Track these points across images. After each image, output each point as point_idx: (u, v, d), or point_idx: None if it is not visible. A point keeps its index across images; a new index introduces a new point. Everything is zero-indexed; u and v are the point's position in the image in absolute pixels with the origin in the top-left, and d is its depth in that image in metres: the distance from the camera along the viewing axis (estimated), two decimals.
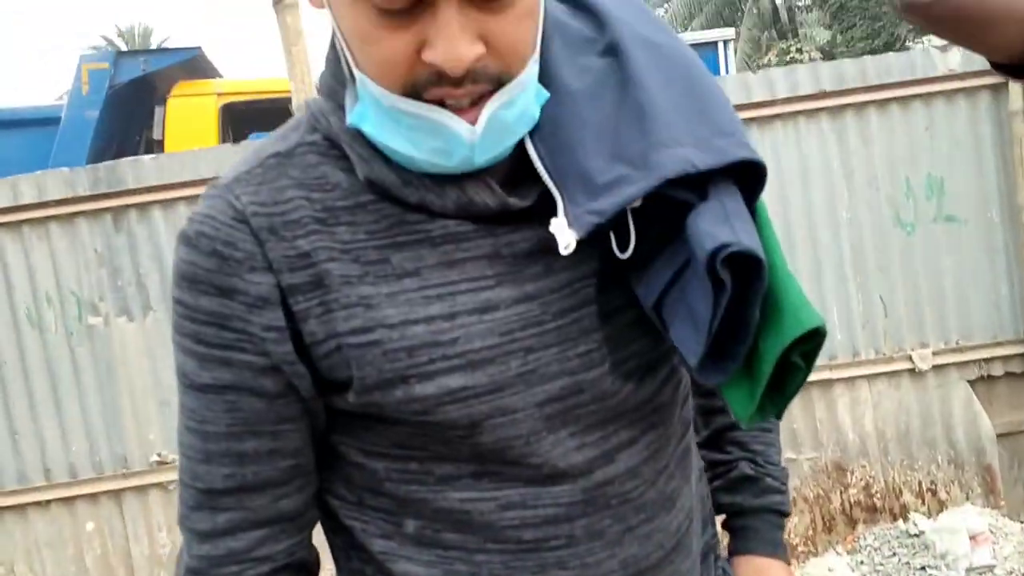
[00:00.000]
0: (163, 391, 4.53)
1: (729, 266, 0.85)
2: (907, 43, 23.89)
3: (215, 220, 0.94)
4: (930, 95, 4.81)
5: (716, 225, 0.87)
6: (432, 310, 0.91)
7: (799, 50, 24.33)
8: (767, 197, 0.97)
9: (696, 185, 0.90)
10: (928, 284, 4.85)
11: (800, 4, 29.89)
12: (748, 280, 0.88)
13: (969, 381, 4.86)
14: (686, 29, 26.68)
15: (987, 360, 4.85)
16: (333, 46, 0.98)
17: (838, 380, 4.84)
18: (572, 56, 0.99)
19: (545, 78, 0.95)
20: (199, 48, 9.71)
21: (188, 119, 8.93)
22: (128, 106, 9.04)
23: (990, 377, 4.86)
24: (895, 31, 23.25)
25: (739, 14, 28.01)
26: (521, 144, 0.94)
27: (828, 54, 25.27)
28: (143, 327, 4.59)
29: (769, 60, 24.51)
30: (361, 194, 0.94)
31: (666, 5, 30.72)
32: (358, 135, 0.93)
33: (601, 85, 0.96)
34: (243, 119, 8.90)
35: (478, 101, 0.86)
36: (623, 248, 0.92)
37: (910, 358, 4.83)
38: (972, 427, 4.85)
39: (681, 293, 0.91)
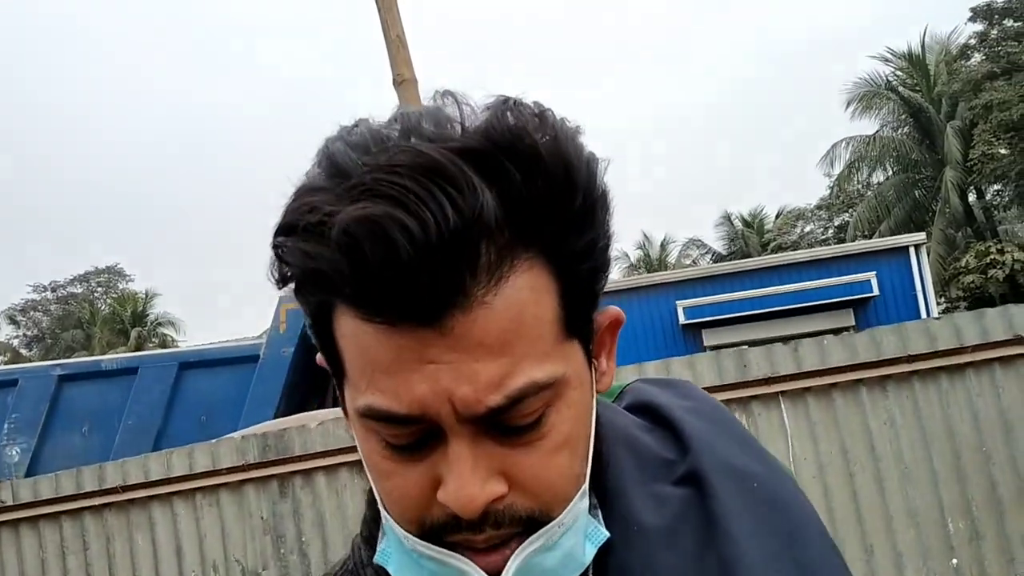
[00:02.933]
0: None
1: None
2: None
3: None
4: None
5: None
6: None
7: (1000, 250, 23.19)
8: (966, 450, 0.74)
9: None
10: None
11: (997, 202, 28.86)
12: None
13: None
14: (874, 235, 26.12)
15: None
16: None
17: None
18: (646, 482, 0.85)
19: (610, 506, 0.83)
20: None
21: None
22: None
23: None
24: None
25: (930, 215, 27.24)
26: None
27: None
28: None
29: (967, 262, 23.47)
30: None
31: (851, 211, 30.38)
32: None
33: (680, 521, 0.82)
34: None
35: (505, 543, 0.72)
36: None
37: None
38: None
39: None
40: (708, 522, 0.80)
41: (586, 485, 0.78)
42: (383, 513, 0.77)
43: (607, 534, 0.80)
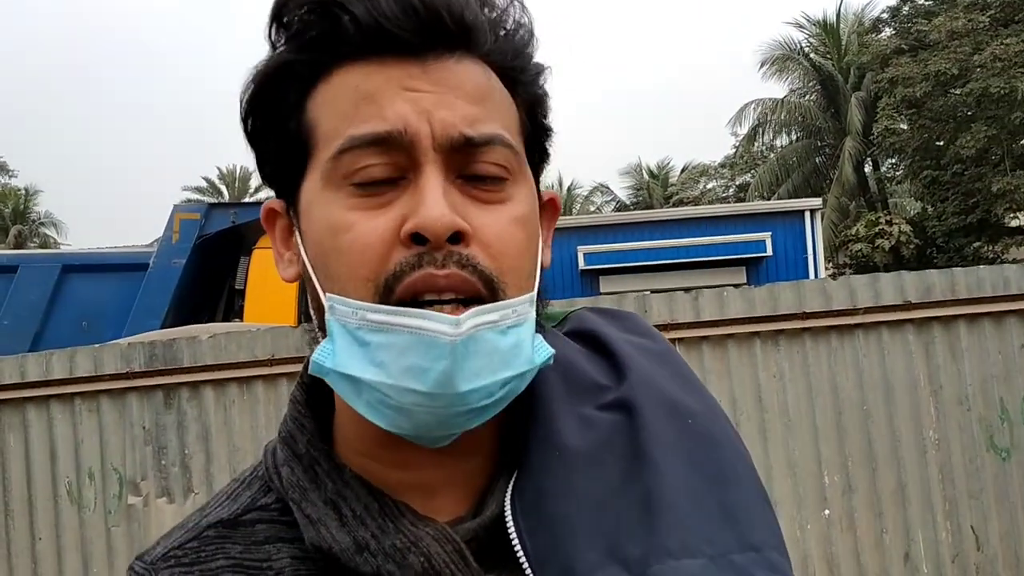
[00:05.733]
0: None
1: None
2: (1003, 220, 23.46)
3: None
4: None
5: None
6: None
7: (888, 222, 24.05)
8: (848, 407, 0.74)
9: None
10: None
11: (891, 175, 29.85)
12: None
13: None
14: (772, 196, 26.75)
15: None
16: (303, 375, 0.87)
17: None
18: (573, 404, 0.82)
19: (537, 426, 0.81)
20: None
21: (271, 268, 9.09)
22: (215, 256, 9.25)
23: None
24: (990, 207, 22.84)
25: (827, 182, 28.01)
26: (501, 512, 0.79)
27: (918, 226, 24.97)
28: (182, 510, 4.44)
29: (857, 231, 24.27)
30: None
31: (753, 172, 31.02)
32: (309, 492, 0.81)
33: (605, 448, 0.80)
34: None
35: (465, 304, 0.72)
36: None
37: None
38: None
39: None
40: (636, 451, 0.78)
41: (534, 294, 0.78)
42: (327, 301, 0.75)
43: (552, 351, 0.79)
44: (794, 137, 30.02)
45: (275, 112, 0.78)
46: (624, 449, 0.79)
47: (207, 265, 9.27)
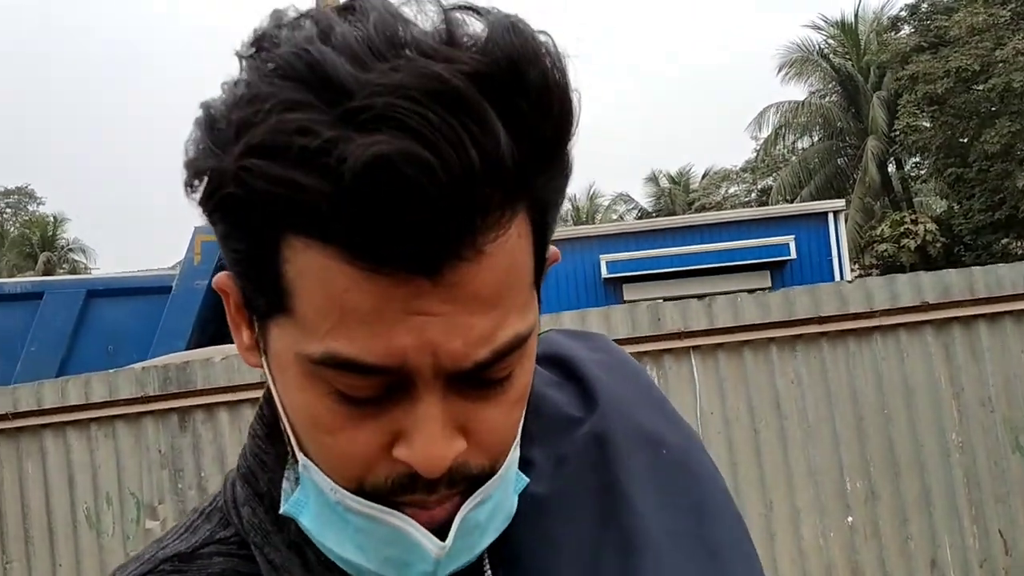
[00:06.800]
0: None
1: None
2: None
3: None
4: None
5: None
6: None
7: (914, 221, 23.82)
8: (868, 412, 0.70)
9: None
10: None
11: (915, 174, 29.60)
12: None
13: None
14: (795, 199, 26.59)
15: None
16: (263, 408, 0.80)
17: None
18: (548, 444, 0.79)
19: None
20: None
21: None
22: None
23: None
24: (1017, 203, 22.56)
25: (851, 183, 27.81)
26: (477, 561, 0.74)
27: (944, 225, 24.71)
28: None
29: (882, 231, 24.06)
30: None
31: (775, 175, 30.87)
32: (271, 535, 0.76)
33: (578, 486, 0.77)
34: None
35: (448, 499, 0.66)
36: None
37: None
38: None
39: None
40: (610, 489, 0.75)
41: (519, 435, 0.71)
42: (304, 462, 0.68)
43: (527, 480, 0.74)
44: (815, 139, 29.84)
45: (237, 232, 0.60)
46: (598, 487, 0.76)
47: None
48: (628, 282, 15.64)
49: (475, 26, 0.58)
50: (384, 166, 0.52)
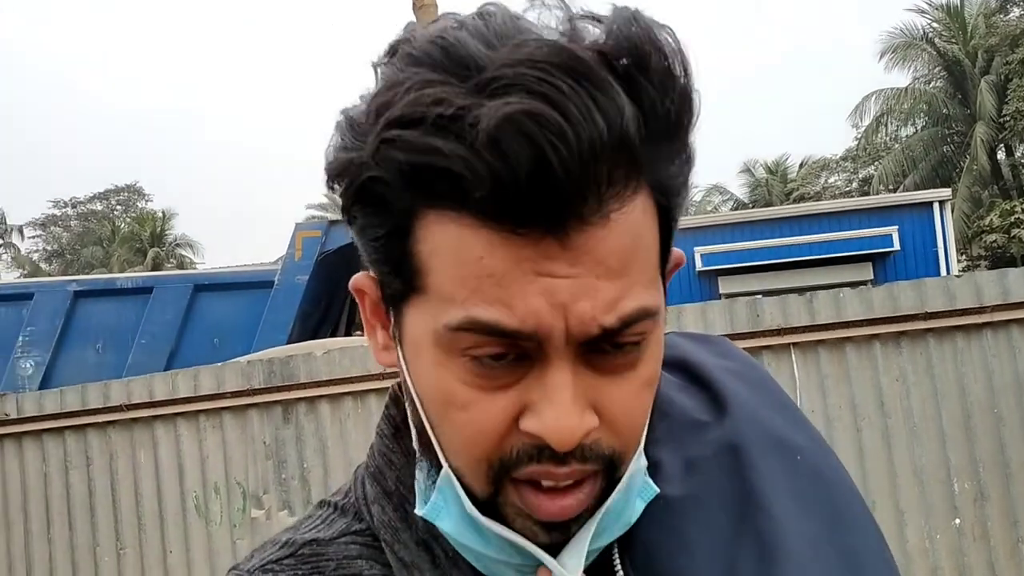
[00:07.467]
0: None
1: None
2: None
3: None
4: None
5: None
6: None
7: None
8: (978, 411, 0.69)
9: None
10: None
11: None
12: None
13: None
14: (898, 188, 25.81)
15: None
16: (389, 408, 0.83)
17: None
18: (675, 448, 0.79)
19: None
20: None
21: None
22: (336, 270, 9.49)
23: None
24: None
25: (957, 171, 26.84)
26: (607, 560, 0.75)
27: None
28: None
29: (991, 221, 23.18)
30: None
31: (877, 164, 30.00)
32: (400, 533, 0.79)
33: (712, 491, 0.76)
34: None
35: (579, 484, 0.67)
36: None
37: None
38: None
39: None
40: (745, 496, 0.74)
41: (643, 438, 0.72)
42: (445, 470, 0.71)
43: (656, 490, 0.74)
44: (919, 126, 28.88)
45: (375, 221, 0.65)
46: (732, 492, 0.75)
47: (329, 280, 9.52)
48: (724, 275, 15.38)
49: (597, 31, 0.61)
50: (515, 125, 0.55)
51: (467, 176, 0.57)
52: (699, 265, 15.40)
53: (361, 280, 0.74)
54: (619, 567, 0.74)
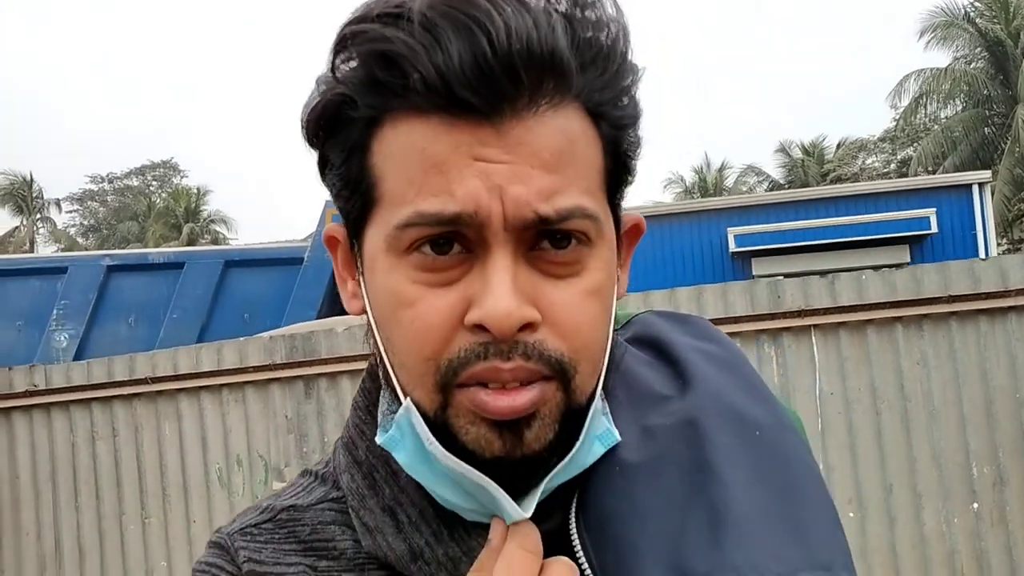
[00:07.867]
0: None
1: None
2: None
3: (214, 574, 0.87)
4: None
5: None
6: None
7: None
8: (999, 396, 0.69)
9: None
10: None
11: None
12: None
13: None
14: (937, 170, 25.43)
15: None
16: (365, 381, 0.88)
17: None
18: (634, 415, 0.81)
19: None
20: None
21: None
22: None
23: None
24: None
25: (998, 153, 26.39)
26: (562, 525, 0.78)
27: None
28: None
29: None
30: (366, 566, 0.83)
31: (915, 145, 29.56)
32: (367, 499, 0.82)
33: (667, 460, 0.78)
34: None
35: (529, 385, 0.70)
36: None
37: None
38: None
39: None
40: (700, 464, 0.76)
41: (603, 373, 0.76)
42: (406, 402, 0.73)
43: (617, 438, 0.77)
44: (960, 107, 28.40)
45: (339, 146, 0.72)
46: (688, 462, 0.76)
47: None
48: (757, 256, 15.24)
49: None
50: (449, 13, 0.64)
51: (406, 55, 0.64)
52: (732, 246, 15.25)
53: (332, 227, 0.79)
54: (575, 532, 0.76)
